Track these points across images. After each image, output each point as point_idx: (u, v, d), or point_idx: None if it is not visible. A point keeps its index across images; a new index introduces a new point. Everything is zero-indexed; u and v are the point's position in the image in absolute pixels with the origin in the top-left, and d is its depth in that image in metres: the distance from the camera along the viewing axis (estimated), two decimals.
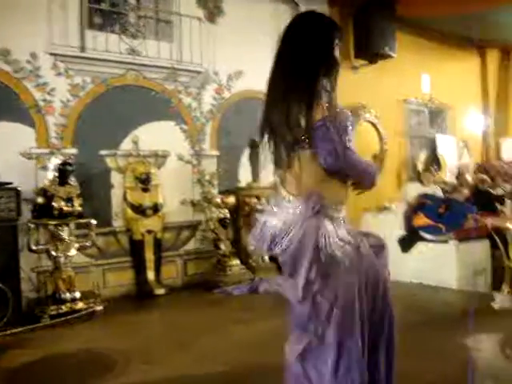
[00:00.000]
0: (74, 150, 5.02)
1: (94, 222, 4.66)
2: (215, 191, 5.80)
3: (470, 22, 8.06)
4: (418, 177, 7.62)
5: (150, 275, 5.21)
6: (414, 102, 8.59)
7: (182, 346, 3.47)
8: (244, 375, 2.86)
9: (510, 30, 8.71)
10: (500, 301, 4.39)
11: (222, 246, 5.41)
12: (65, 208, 4.49)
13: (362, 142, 7.45)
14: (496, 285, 5.20)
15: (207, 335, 3.70)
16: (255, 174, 5.72)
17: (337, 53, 2.02)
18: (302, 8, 6.70)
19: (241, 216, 5.75)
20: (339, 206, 1.98)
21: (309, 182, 1.96)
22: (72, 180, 4.66)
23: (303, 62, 1.95)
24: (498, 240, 5.27)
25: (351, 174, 1.99)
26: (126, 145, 5.37)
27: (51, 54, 4.93)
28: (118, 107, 5.30)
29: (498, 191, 8.03)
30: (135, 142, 5.40)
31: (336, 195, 1.98)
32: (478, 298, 4.58)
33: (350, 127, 1.91)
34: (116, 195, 5.29)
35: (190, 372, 2.96)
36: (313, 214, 1.90)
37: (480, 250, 5.25)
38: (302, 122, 1.89)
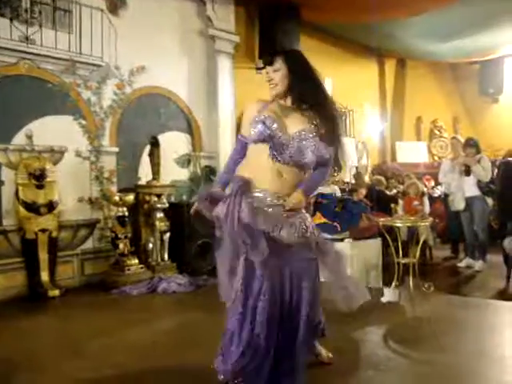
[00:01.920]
0: None
1: None
2: (114, 189, 5.64)
3: (369, 32, 8.52)
4: None
5: (44, 276, 4.94)
6: None
7: (73, 351, 3.33)
8: (135, 378, 2.81)
9: (404, 43, 9.33)
10: (388, 295, 4.68)
11: (121, 245, 5.26)
12: None
13: None
14: (386, 280, 5.54)
15: (101, 338, 3.59)
16: (155, 172, 5.63)
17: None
18: (208, 6, 6.71)
19: (140, 214, 5.65)
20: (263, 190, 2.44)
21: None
22: None
23: None
24: (388, 238, 5.62)
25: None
26: (19, 139, 5.05)
27: None
28: (9, 99, 4.98)
29: (393, 191, 8.57)
30: (29, 137, 5.10)
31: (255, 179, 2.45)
32: (370, 292, 4.81)
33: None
34: (6, 192, 4.97)
35: (79, 377, 2.86)
36: (234, 193, 2.37)
37: (373, 247, 5.54)
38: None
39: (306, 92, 2.50)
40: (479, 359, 3.07)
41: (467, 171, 6.97)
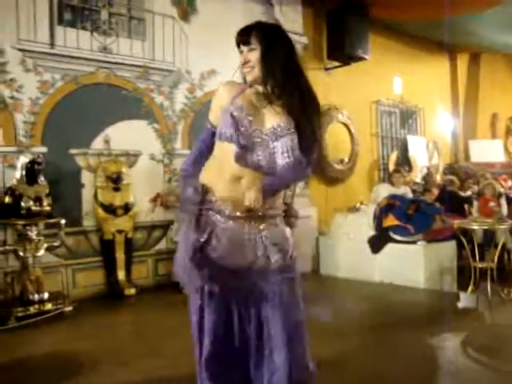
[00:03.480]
0: (43, 149, 4.93)
1: (63, 221, 4.59)
2: None
3: (440, 28, 8.22)
4: (388, 177, 7.74)
5: (121, 275, 5.16)
6: (386, 104, 8.72)
7: (152, 349, 3.46)
8: None
9: (479, 37, 8.93)
10: (464, 300, 4.50)
11: None
12: (33, 208, 4.41)
13: (334, 142, 7.55)
14: (461, 284, 5.34)
15: (176, 338, 3.67)
16: None
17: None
18: (276, 8, 6.74)
19: None
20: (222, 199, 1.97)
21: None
22: (41, 179, 4.58)
23: None
24: (463, 241, 5.42)
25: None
26: (97, 144, 5.30)
27: (19, 50, 4.84)
28: (88, 105, 5.23)
29: (466, 193, 8.23)
30: (107, 141, 5.34)
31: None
32: (445, 297, 4.68)
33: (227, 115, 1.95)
34: (86, 194, 5.23)
35: (159, 374, 2.96)
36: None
37: (447, 250, 5.36)
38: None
39: (285, 78, 1.96)
40: None
41: None
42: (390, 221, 5.14)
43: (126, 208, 5.27)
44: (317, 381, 2.00)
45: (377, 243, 5.34)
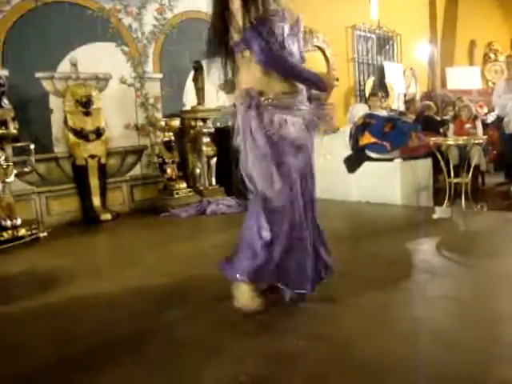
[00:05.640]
0: (4, 72, 4.69)
1: (32, 146, 4.45)
2: (159, 115, 5.64)
3: None
4: (365, 103, 7.67)
5: (96, 201, 5.09)
6: (362, 29, 8.52)
7: (128, 263, 3.44)
8: (185, 285, 2.87)
9: None
10: (439, 212, 4.57)
11: (168, 170, 5.31)
12: None
13: (309, 66, 7.37)
14: (437, 200, 5.41)
15: (152, 252, 3.68)
16: (200, 97, 5.57)
17: None
18: None
19: (187, 140, 5.65)
20: (282, 100, 2.25)
21: (248, 80, 2.27)
22: (5, 102, 4.39)
23: None
24: (440, 158, 5.44)
25: (285, 74, 2.25)
26: (64, 67, 5.07)
27: None
28: (51, 26, 4.96)
29: (443, 118, 8.24)
30: (74, 64, 5.12)
31: (274, 90, 2.24)
32: (421, 211, 4.73)
33: (279, 30, 2.19)
34: (56, 120, 5.06)
35: (135, 284, 2.95)
36: (249, 107, 2.20)
37: (423, 167, 5.38)
38: (238, 24, 2.18)
39: None
40: None
41: None
42: (366, 139, 5.10)
43: (98, 133, 5.13)
44: None
45: (353, 162, 5.32)
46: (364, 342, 2.01)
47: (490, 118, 8.26)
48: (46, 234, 4.42)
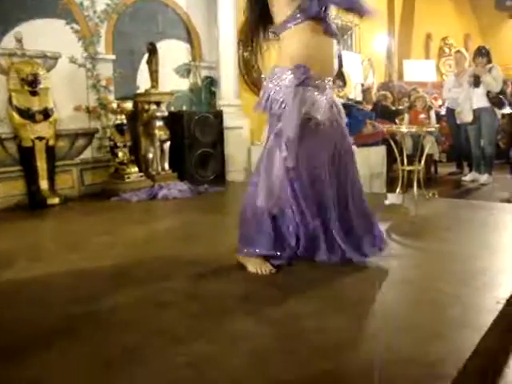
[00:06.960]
0: None
1: None
2: (112, 97, 5.46)
3: None
4: None
5: (43, 184, 4.88)
6: None
7: (72, 247, 3.30)
8: (130, 267, 2.78)
9: None
10: (391, 198, 4.62)
11: (120, 154, 5.15)
12: None
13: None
14: (391, 188, 5.49)
15: (100, 236, 3.55)
16: (154, 80, 5.43)
17: None
18: None
19: (139, 123, 5.51)
20: (325, 78, 2.51)
21: (295, 53, 2.44)
22: None
23: None
24: (393, 146, 5.51)
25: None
26: (7, 43, 4.82)
27: None
28: None
29: (398, 107, 8.38)
30: (19, 40, 4.87)
31: (321, 68, 2.48)
32: (373, 197, 4.76)
33: None
34: None
35: (77, 267, 2.83)
36: (300, 83, 2.39)
37: (377, 155, 5.44)
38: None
39: None
40: (480, 248, 3.03)
41: (477, 82, 6.75)
42: None
43: (46, 114, 4.90)
44: None
45: None
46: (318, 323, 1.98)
47: (444, 110, 8.47)
48: None
